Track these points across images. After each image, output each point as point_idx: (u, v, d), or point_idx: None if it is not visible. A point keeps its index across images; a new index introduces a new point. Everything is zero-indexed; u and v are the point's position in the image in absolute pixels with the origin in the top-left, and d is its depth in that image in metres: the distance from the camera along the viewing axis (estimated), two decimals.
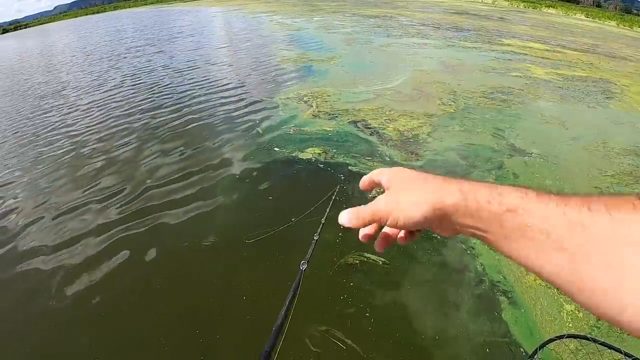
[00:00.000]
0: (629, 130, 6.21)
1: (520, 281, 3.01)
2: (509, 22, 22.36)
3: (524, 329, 2.62)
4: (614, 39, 19.98)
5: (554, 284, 0.35)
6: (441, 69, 9.18)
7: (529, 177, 4.50)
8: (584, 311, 2.81)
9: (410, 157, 4.78)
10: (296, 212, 3.56)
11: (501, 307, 2.77)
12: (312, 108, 6.12)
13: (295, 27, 16.18)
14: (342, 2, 30.12)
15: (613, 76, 9.85)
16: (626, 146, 5.54)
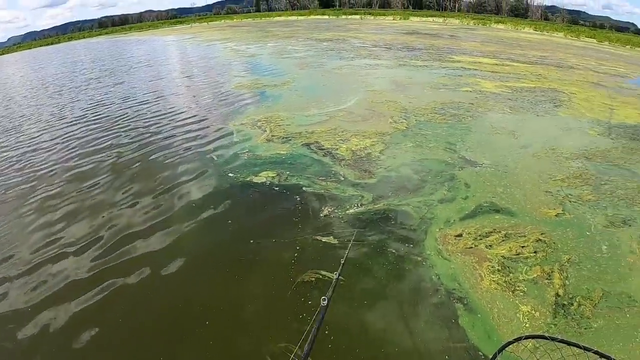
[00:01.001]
0: (577, 135, 8.32)
1: (476, 287, 3.91)
2: (459, 39, 28.76)
3: (482, 333, 3.41)
4: (561, 49, 26.10)
5: None
6: (393, 88, 11.73)
7: (480, 187, 5.88)
8: (540, 310, 3.79)
9: (363, 175, 6.17)
10: (254, 234, 4.75)
11: (458, 314, 3.59)
12: (265, 133, 7.74)
13: (249, 54, 19.98)
14: (295, 27, 37.58)
15: (561, 85, 13.00)
16: (575, 150, 7.44)
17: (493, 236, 4.76)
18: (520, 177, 6.26)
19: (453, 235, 4.79)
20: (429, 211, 5.31)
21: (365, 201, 5.51)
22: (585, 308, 3.82)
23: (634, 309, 3.84)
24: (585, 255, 4.55)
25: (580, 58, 21.59)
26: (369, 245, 4.61)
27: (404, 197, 5.65)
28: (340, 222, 5.03)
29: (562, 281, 4.13)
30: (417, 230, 4.90)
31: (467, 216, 5.18)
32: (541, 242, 4.70)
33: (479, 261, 4.35)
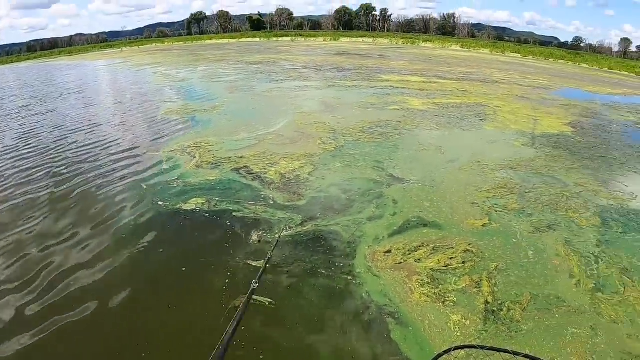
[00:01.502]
0: (502, 146, 9.58)
1: (406, 301, 4.41)
2: (388, 59, 32.05)
3: (414, 345, 3.86)
4: (487, 65, 29.53)
5: None
6: (322, 110, 12.95)
7: (408, 202, 6.61)
8: (471, 318, 4.33)
9: (292, 197, 6.77)
10: (186, 261, 5.16)
11: (389, 328, 4.03)
12: (195, 159, 8.47)
13: (179, 78, 21.54)
14: (226, 51, 40.48)
15: (486, 100, 14.84)
16: (500, 162, 8.58)
17: (421, 250, 5.35)
18: (447, 191, 7.10)
19: (382, 252, 5.31)
20: (358, 229, 5.86)
21: (294, 223, 5.99)
22: (515, 312, 4.42)
23: (562, 309, 4.51)
24: (513, 261, 5.25)
25: (505, 73, 24.56)
26: (300, 268, 5.02)
27: (333, 217, 6.20)
28: (269, 246, 5.44)
29: (490, 288, 4.73)
30: (347, 249, 5.40)
31: (395, 232, 5.79)
32: (469, 252, 5.35)
33: (409, 275, 4.86)
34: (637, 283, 5.05)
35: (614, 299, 4.74)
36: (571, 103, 16.92)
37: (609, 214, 6.79)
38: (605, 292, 4.83)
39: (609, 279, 5.10)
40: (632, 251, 5.77)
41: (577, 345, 4.03)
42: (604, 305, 4.61)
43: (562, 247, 5.68)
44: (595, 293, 4.80)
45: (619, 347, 4.04)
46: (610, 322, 4.35)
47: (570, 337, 4.12)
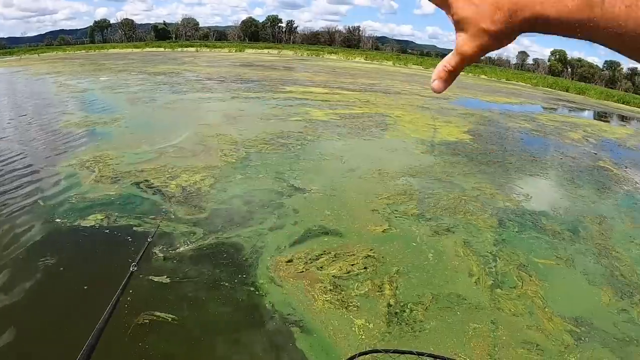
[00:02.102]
0: (402, 155, 10.35)
1: (310, 308, 4.61)
2: (292, 71, 33.40)
3: (320, 352, 4.05)
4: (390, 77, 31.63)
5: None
6: (224, 121, 13.21)
7: (309, 211, 6.92)
8: (374, 322, 4.63)
9: (193, 211, 6.86)
10: (86, 280, 5.11)
11: (294, 337, 4.20)
12: (94, 173, 8.45)
13: (80, 89, 21.08)
14: (129, 61, 39.59)
15: (388, 110, 15.91)
16: (400, 169, 9.25)
17: (323, 258, 5.62)
18: (348, 199, 7.53)
19: (284, 262, 5.51)
20: (260, 240, 6.04)
21: (196, 237, 6.05)
22: (418, 313, 4.80)
23: (463, 306, 4.99)
24: (413, 264, 5.70)
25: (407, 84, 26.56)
26: (202, 282, 5.08)
27: (235, 229, 6.33)
28: (172, 261, 5.46)
29: (392, 291, 5.09)
30: (248, 260, 5.54)
31: (296, 241, 6.04)
32: (370, 257, 5.71)
33: (311, 283, 5.09)
34: (534, 277, 5.75)
35: (513, 293, 5.34)
36: (469, 112, 18.76)
37: (505, 215, 7.62)
38: (503, 288, 5.42)
39: (507, 275, 5.74)
40: (528, 248, 6.55)
41: (479, 339, 4.47)
42: (503, 300, 5.16)
43: (461, 248, 6.26)
44: (495, 289, 5.37)
45: (520, 338, 4.55)
46: (510, 315, 4.89)
47: (472, 332, 4.56)
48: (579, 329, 4.81)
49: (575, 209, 8.46)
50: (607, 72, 77.19)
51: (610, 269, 6.28)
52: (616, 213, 8.58)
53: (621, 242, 7.22)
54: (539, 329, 4.72)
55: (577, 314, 5.06)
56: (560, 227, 7.45)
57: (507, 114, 19.90)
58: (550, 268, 6.11)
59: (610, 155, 13.83)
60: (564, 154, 12.92)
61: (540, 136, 15.68)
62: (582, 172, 11.21)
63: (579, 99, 36.48)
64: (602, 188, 10.11)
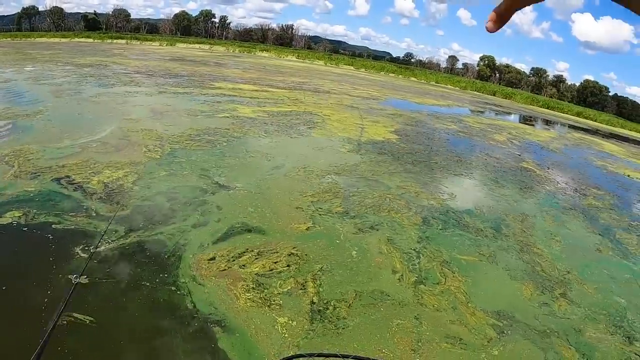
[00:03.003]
0: (328, 153, 10.48)
1: (232, 308, 4.55)
2: (223, 67, 33.09)
3: (242, 352, 4.01)
4: (320, 76, 32.07)
5: None
6: (150, 116, 12.91)
7: (232, 208, 6.86)
8: (297, 319, 4.61)
9: (115, 208, 6.63)
10: (4, 279, 4.86)
11: (217, 337, 4.13)
12: (13, 168, 8.10)
13: (2, 79, 20.00)
14: (56, 51, 38.12)
15: (316, 108, 16.09)
16: (325, 167, 9.36)
17: (246, 256, 5.58)
18: (272, 197, 7.51)
19: (206, 260, 5.43)
20: (183, 237, 5.93)
21: (117, 235, 5.86)
22: (341, 310, 4.84)
23: (387, 302, 5.09)
24: (337, 262, 5.75)
25: (338, 83, 27.03)
26: (122, 282, 4.92)
27: (157, 227, 6.18)
28: (92, 260, 5.30)
29: (316, 289, 5.10)
30: (170, 259, 5.42)
31: (219, 239, 5.97)
32: (293, 255, 5.71)
33: (234, 282, 5.04)
34: (457, 273, 5.98)
35: (436, 289, 5.53)
36: (398, 112, 19.38)
37: (429, 213, 7.90)
38: (427, 284, 5.60)
39: (430, 271, 5.93)
40: (451, 245, 6.83)
41: (403, 334, 4.59)
42: (426, 296, 5.33)
43: (384, 245, 6.40)
44: (418, 285, 5.53)
45: (443, 332, 4.72)
46: (434, 311, 5.06)
47: (396, 328, 4.67)
48: (501, 322, 5.06)
49: (498, 208, 8.92)
50: (534, 79, 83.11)
51: (532, 264, 6.69)
52: (538, 211, 9.16)
53: (542, 239, 7.72)
54: (462, 324, 4.91)
55: (499, 308, 5.33)
56: (484, 225, 7.82)
57: (434, 116, 20.74)
58: (473, 264, 6.40)
59: (534, 156, 14.78)
60: (489, 155, 13.64)
61: (466, 137, 16.46)
62: (506, 173, 11.87)
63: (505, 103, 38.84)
64: (524, 188, 10.77)
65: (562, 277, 6.49)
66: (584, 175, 13.92)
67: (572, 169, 14.73)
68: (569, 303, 5.78)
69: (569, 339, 5.01)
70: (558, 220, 8.88)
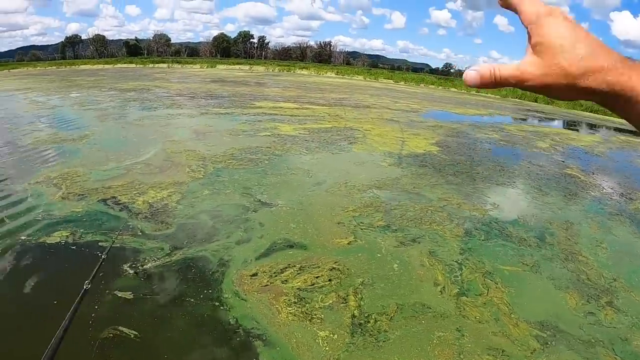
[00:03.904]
0: (369, 168, 10.59)
1: (273, 322, 4.66)
2: (263, 86, 33.98)
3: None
4: (360, 91, 32.24)
5: None
6: (192, 137, 13.47)
7: (274, 224, 7.05)
8: (338, 333, 4.69)
9: (160, 226, 6.94)
10: (55, 295, 5.12)
11: (258, 351, 4.24)
12: (61, 191, 8.58)
13: (50, 105, 21.41)
14: (100, 77, 40.48)
15: (357, 123, 16.26)
16: (366, 182, 9.46)
17: (288, 271, 5.69)
18: (314, 213, 7.66)
19: (249, 275, 5.57)
20: (226, 254, 6.11)
21: (163, 253, 6.09)
22: (382, 323, 4.88)
23: (428, 315, 5.09)
24: (378, 275, 5.80)
25: (377, 98, 27.11)
26: (167, 298, 5.11)
27: (200, 244, 6.40)
28: (138, 277, 5.50)
29: (357, 302, 5.17)
30: (214, 275, 5.59)
31: (262, 255, 6.12)
32: (335, 270, 5.79)
33: (276, 297, 5.15)
34: (499, 284, 5.89)
35: (478, 301, 5.46)
36: (438, 124, 19.24)
37: (471, 224, 7.82)
38: (469, 296, 5.54)
39: (472, 283, 5.86)
40: (494, 256, 6.72)
41: (444, 347, 4.56)
42: (468, 307, 5.28)
43: (426, 258, 6.39)
44: (460, 297, 5.48)
45: (485, 344, 4.65)
46: (476, 323, 5.00)
47: (437, 340, 4.64)
48: (545, 333, 4.94)
49: (542, 216, 8.72)
50: None
51: (577, 273, 6.48)
52: (583, 218, 8.87)
53: (588, 247, 7.47)
54: (505, 335, 4.83)
55: (543, 318, 5.20)
56: (527, 234, 7.67)
57: (476, 125, 20.44)
58: (517, 275, 6.27)
59: (578, 162, 14.32)
60: (532, 163, 13.33)
61: (508, 146, 16.14)
62: (550, 180, 11.57)
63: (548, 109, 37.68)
64: (569, 195, 10.45)
65: (608, 285, 6.26)
66: (630, 179, 13.35)
67: (617, 173, 14.15)
68: (616, 312, 5.58)
69: (615, 349, 4.85)
70: (604, 227, 8.57)
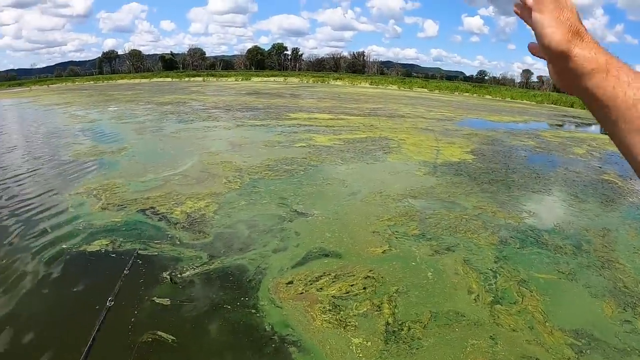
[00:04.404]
0: (404, 177, 10.64)
1: (307, 328, 4.77)
2: (298, 98, 34.49)
3: None
4: (394, 100, 32.24)
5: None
6: (228, 149, 13.85)
7: (310, 234, 7.20)
8: (372, 340, 4.77)
9: (198, 236, 7.19)
10: (95, 300, 5.33)
11: (292, 358, 4.34)
12: (101, 201, 8.94)
13: (89, 119, 22.42)
14: (137, 91, 42.17)
15: (391, 133, 16.35)
16: (401, 191, 9.51)
17: (323, 279, 5.81)
18: (349, 222, 7.76)
19: (284, 283, 5.71)
20: (263, 262, 6.28)
21: (200, 261, 6.31)
22: (416, 330, 4.93)
23: (462, 323, 5.10)
24: (413, 283, 5.85)
25: (412, 107, 27.08)
26: (205, 304, 5.28)
27: (237, 253, 6.61)
28: (176, 284, 5.72)
29: (391, 310, 5.24)
30: (251, 283, 5.75)
31: (298, 263, 6.26)
32: (370, 278, 5.88)
33: (311, 304, 5.26)
34: (534, 292, 5.83)
35: (513, 309, 5.42)
36: (473, 132, 19.06)
37: (506, 232, 7.76)
38: (503, 304, 5.51)
39: (507, 291, 5.83)
40: (529, 264, 6.65)
41: (477, 354, 4.56)
42: (502, 315, 5.26)
43: (460, 266, 6.40)
44: (494, 305, 5.46)
45: (519, 352, 4.62)
46: (510, 331, 4.97)
47: (470, 348, 4.65)
48: (580, 341, 4.86)
49: (578, 223, 8.54)
50: None
51: (614, 281, 6.33)
52: (620, 225, 8.64)
53: (625, 254, 7.27)
54: (539, 343, 4.79)
55: (578, 326, 5.12)
56: (563, 241, 7.54)
57: (511, 133, 20.13)
58: (552, 282, 6.18)
59: (615, 168, 13.89)
60: (568, 169, 13.05)
61: (544, 153, 15.83)
62: (586, 187, 11.30)
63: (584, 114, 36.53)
64: (606, 201, 10.18)
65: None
66: None
67: None
68: None
69: None
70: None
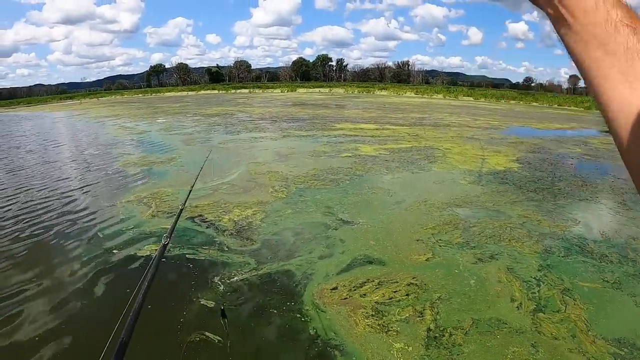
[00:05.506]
0: (449, 186, 10.59)
1: (350, 332, 4.88)
2: (343, 108, 34.73)
3: None
4: (440, 110, 31.84)
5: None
6: (275, 159, 14.13)
7: (354, 241, 7.32)
8: (413, 345, 4.85)
9: (245, 243, 7.43)
10: (148, 302, 5.41)
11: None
12: (151, 209, 9.28)
13: (138, 131, 23.33)
14: (185, 103, 43.84)
15: (436, 142, 16.27)
16: (446, 200, 9.47)
17: (367, 285, 5.91)
18: (393, 230, 7.85)
19: (329, 289, 5.85)
20: (309, 269, 6.45)
21: (249, 267, 6.55)
22: (457, 337, 4.96)
23: (504, 330, 5.08)
24: (455, 290, 5.86)
25: (457, 116, 26.75)
26: (251, 308, 5.49)
27: (283, 259, 6.80)
28: (225, 288, 5.96)
29: (433, 316, 5.29)
30: (296, 288, 5.93)
31: (342, 270, 6.38)
32: (413, 285, 5.94)
33: (354, 309, 5.37)
34: (578, 301, 5.71)
35: (555, 317, 5.34)
36: (519, 140, 18.61)
37: (551, 241, 7.60)
38: (546, 312, 5.44)
39: (550, 299, 5.74)
40: (573, 272, 6.51)
41: None
42: (545, 324, 5.20)
43: (504, 274, 6.35)
44: (537, 313, 5.40)
45: None
46: (552, 339, 4.92)
47: (511, 356, 4.63)
48: (623, 350, 4.75)
49: (625, 232, 8.24)
50: None
51: None
52: None
53: None
54: (581, 352, 4.71)
55: (621, 335, 5.00)
56: (609, 250, 7.31)
57: (558, 140, 19.49)
58: (596, 291, 6.03)
59: None
60: (616, 177, 12.54)
61: (591, 160, 15.26)
62: (635, 194, 10.81)
63: None
64: None
65: None
66: None
67: None
68: None
69: None
70: None
